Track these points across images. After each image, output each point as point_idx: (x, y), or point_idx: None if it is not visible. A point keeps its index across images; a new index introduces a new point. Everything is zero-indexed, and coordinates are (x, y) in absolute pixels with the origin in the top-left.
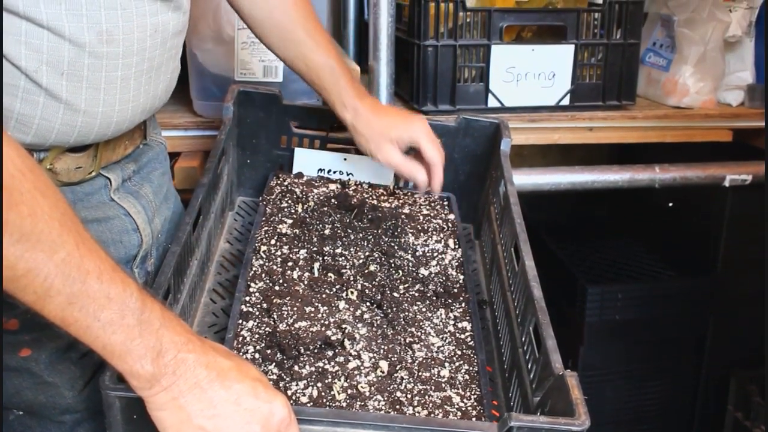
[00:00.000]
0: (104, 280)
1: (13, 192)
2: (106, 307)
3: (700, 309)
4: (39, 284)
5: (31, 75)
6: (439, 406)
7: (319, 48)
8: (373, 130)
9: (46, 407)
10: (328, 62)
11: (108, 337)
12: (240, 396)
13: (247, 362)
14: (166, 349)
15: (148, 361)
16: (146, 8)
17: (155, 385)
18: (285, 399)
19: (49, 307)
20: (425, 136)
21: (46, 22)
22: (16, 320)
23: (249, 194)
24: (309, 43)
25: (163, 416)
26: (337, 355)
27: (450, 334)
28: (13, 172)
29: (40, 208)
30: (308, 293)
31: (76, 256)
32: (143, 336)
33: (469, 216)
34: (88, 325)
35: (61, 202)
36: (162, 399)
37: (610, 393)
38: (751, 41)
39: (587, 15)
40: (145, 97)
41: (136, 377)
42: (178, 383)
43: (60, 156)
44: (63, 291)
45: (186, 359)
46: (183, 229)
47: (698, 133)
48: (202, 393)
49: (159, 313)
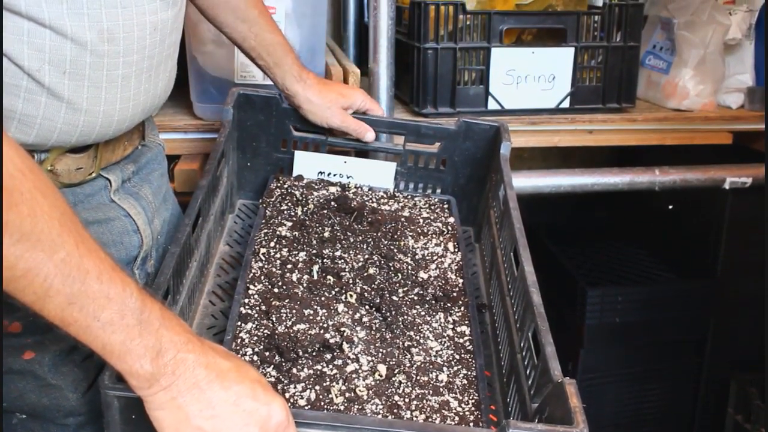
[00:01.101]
0: (104, 280)
1: (14, 192)
2: (106, 307)
3: (700, 311)
4: (39, 284)
5: (34, 74)
6: (436, 410)
7: (269, 26)
8: (327, 98)
9: (49, 410)
10: (278, 39)
11: (107, 337)
12: (239, 397)
13: (246, 363)
14: (165, 349)
15: (148, 361)
16: (145, 6)
17: (154, 385)
18: (283, 401)
19: (49, 307)
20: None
21: (48, 22)
22: (18, 323)
23: (249, 197)
24: (261, 22)
25: (162, 416)
26: (336, 358)
27: (449, 338)
28: (13, 173)
29: (40, 208)
30: (307, 296)
31: (75, 256)
32: (143, 336)
33: (469, 219)
34: (88, 325)
35: (61, 202)
36: (161, 399)
37: (610, 396)
38: (751, 44)
39: (587, 18)
40: (145, 96)
41: (135, 377)
42: (177, 383)
43: (60, 157)
44: (62, 291)
45: (185, 359)
46: (182, 230)
47: (698, 136)
48: (201, 393)
49: (158, 313)
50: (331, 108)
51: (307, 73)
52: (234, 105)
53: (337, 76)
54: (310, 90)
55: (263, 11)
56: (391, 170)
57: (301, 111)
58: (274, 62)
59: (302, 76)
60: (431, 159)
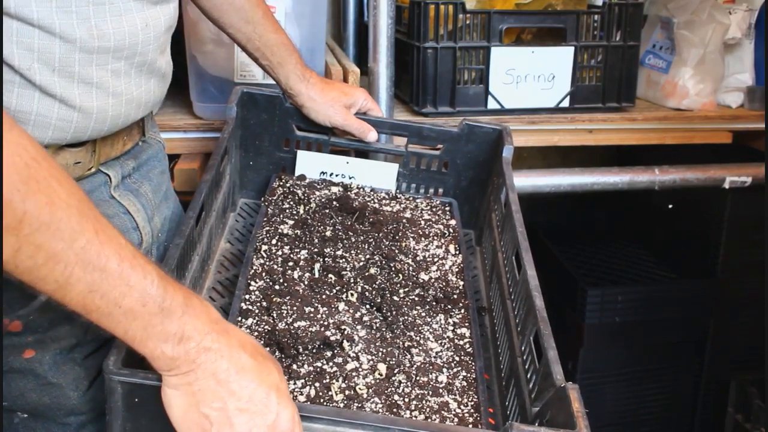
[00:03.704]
0: (124, 267)
1: (30, 180)
2: (127, 294)
3: (700, 311)
4: (60, 273)
5: (25, 73)
6: (436, 411)
7: (273, 26)
8: (329, 97)
9: (50, 409)
10: (282, 39)
11: (129, 324)
12: (251, 398)
13: (272, 364)
14: (188, 337)
15: (169, 347)
16: (132, 4)
17: (174, 369)
18: (294, 412)
19: (71, 295)
20: (371, 101)
21: (36, 21)
22: (19, 322)
23: (251, 196)
24: (265, 22)
25: (174, 395)
26: (336, 356)
27: (449, 340)
28: (27, 161)
29: (58, 197)
30: (308, 293)
31: (95, 244)
32: (164, 323)
33: (471, 222)
34: (110, 312)
35: (77, 189)
36: (177, 381)
37: (610, 395)
38: (751, 43)
39: (587, 17)
40: (138, 92)
41: (156, 360)
42: (196, 372)
43: (58, 151)
44: (84, 279)
45: (209, 349)
46: (186, 223)
47: (698, 135)
48: (217, 385)
49: (182, 300)
50: (333, 106)
51: (310, 73)
52: (238, 103)
53: (337, 75)
54: (312, 89)
55: (267, 12)
56: (393, 171)
57: (304, 110)
58: (277, 62)
59: (305, 76)
60: (433, 161)
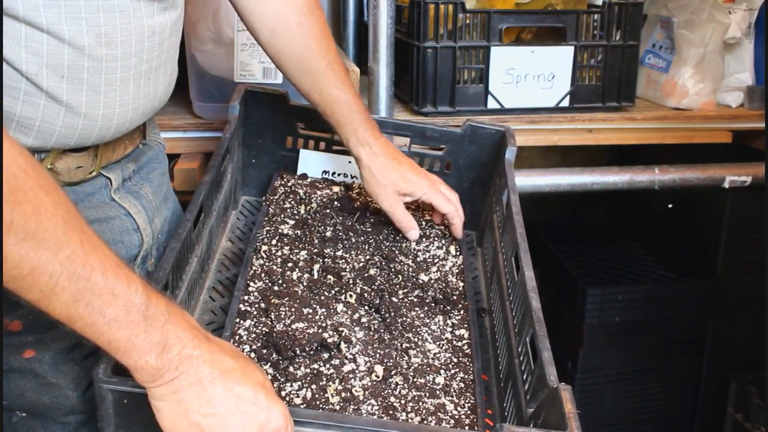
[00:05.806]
0: (109, 277)
1: (17, 191)
2: (111, 303)
3: (700, 311)
4: (44, 282)
5: (32, 78)
6: (432, 413)
7: (337, 81)
8: (386, 177)
9: (50, 408)
10: (345, 97)
11: (113, 333)
12: (239, 399)
13: (254, 365)
14: (171, 345)
15: (153, 357)
16: (143, 10)
17: (158, 379)
18: (284, 408)
19: (55, 305)
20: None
21: (45, 26)
22: (19, 321)
23: (253, 194)
24: (328, 75)
25: (162, 407)
26: (333, 358)
27: (447, 342)
28: (16, 171)
29: (44, 207)
30: (307, 294)
31: (80, 253)
32: (148, 332)
33: (472, 223)
34: (93, 322)
35: (64, 199)
36: (163, 391)
37: (609, 395)
38: (751, 43)
39: (587, 17)
40: (145, 99)
41: (140, 371)
42: (180, 379)
43: (60, 156)
44: (68, 288)
45: (191, 355)
46: (183, 226)
47: (698, 135)
48: (203, 390)
49: (164, 309)
50: (386, 188)
51: (375, 138)
52: (241, 101)
53: None
54: (374, 161)
55: (333, 63)
56: None
57: (360, 177)
58: (337, 121)
59: (368, 141)
60: (436, 162)
